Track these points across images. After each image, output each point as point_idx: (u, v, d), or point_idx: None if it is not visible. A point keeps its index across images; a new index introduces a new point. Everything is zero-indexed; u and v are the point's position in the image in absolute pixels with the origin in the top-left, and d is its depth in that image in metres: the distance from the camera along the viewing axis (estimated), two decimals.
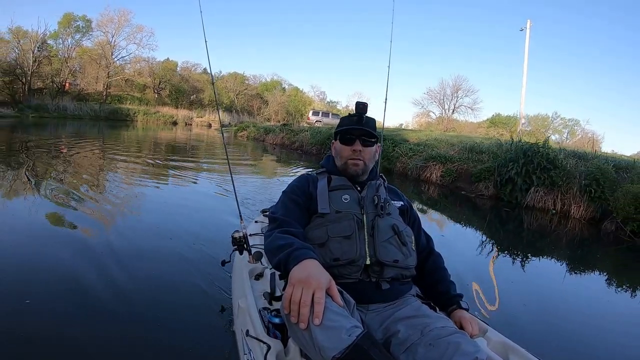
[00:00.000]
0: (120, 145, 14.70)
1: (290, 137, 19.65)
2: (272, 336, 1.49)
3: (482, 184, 9.12)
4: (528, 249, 5.77)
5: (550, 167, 8.22)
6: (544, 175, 8.19)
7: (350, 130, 1.75)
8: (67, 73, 36.57)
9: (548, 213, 8.02)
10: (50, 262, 3.17)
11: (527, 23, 22.01)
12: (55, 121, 25.71)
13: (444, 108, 39.84)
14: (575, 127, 42.10)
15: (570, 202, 7.93)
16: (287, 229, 1.53)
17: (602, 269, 5.23)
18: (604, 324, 3.36)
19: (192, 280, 3.05)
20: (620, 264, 5.77)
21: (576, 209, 7.82)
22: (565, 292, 4.08)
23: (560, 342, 2.84)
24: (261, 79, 52.30)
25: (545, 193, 8.22)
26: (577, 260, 5.53)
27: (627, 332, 3.21)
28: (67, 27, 37.36)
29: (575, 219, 7.73)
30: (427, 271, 1.78)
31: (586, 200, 7.69)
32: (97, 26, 38.76)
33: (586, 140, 36.58)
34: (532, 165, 8.29)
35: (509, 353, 1.60)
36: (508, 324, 2.86)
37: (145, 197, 6.17)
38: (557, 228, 7.18)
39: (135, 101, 39.77)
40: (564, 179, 8.12)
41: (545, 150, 8.44)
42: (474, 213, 8.14)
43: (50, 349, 2.06)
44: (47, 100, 31.82)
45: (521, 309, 3.30)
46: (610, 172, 7.77)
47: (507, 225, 7.44)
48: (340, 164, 1.77)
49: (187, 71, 48.56)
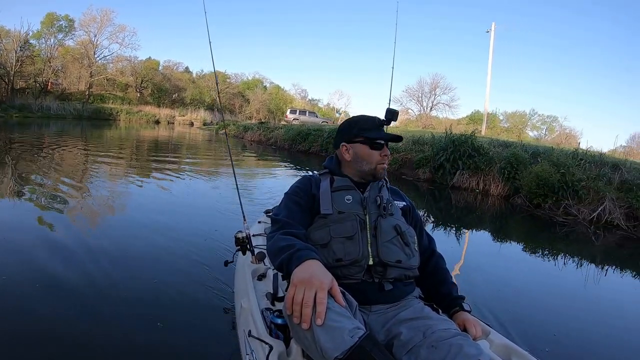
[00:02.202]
0: (118, 145, 15.72)
1: (266, 134, 21.32)
2: (275, 337, 1.51)
3: (420, 170, 10.79)
4: (454, 221, 7.28)
5: (474, 154, 9.92)
6: (469, 161, 9.90)
7: (381, 136, 1.80)
8: (50, 73, 37.03)
9: (473, 192, 9.72)
10: (50, 262, 3.23)
11: (492, 25, 23.89)
12: (40, 121, 26.21)
13: (422, 105, 41.05)
14: (554, 124, 43.46)
15: (490, 182, 9.64)
16: (289, 231, 1.55)
17: (511, 231, 7.02)
18: (510, 272, 4.55)
19: (195, 280, 3.12)
20: (522, 227, 7.46)
21: (495, 187, 9.53)
22: (485, 252, 5.36)
23: (475, 291, 3.53)
24: (243, 77, 53.22)
25: (470, 175, 9.93)
26: (493, 227, 7.21)
27: (519, 270, 4.64)
28: (49, 27, 37.63)
29: (494, 196, 9.43)
30: (429, 272, 1.81)
31: (502, 181, 9.38)
32: (80, 25, 39.18)
33: (564, 136, 37.85)
34: (459, 152, 9.97)
35: (512, 356, 1.61)
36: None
37: (143, 196, 6.40)
38: (481, 204, 8.85)
39: (118, 100, 40.29)
40: (485, 163, 9.81)
41: (471, 141, 10.13)
42: (413, 193, 9.59)
43: (51, 350, 2.11)
44: (30, 100, 32.25)
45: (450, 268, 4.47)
46: (524, 157, 9.43)
47: (439, 202, 8.98)
48: (368, 169, 1.79)
49: (169, 70, 48.86)
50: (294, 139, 17.47)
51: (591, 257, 5.62)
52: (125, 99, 41.62)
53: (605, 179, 8.31)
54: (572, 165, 8.53)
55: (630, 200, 7.49)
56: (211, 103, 46.73)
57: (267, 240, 1.61)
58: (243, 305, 1.90)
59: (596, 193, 7.92)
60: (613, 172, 8.58)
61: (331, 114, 48.96)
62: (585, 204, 7.87)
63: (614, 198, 7.69)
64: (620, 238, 6.79)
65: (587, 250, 6.04)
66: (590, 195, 7.95)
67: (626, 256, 6.14)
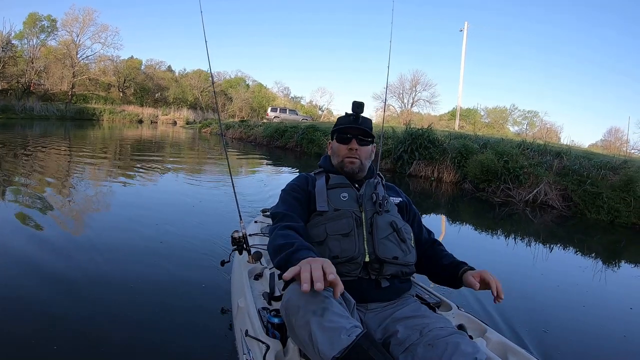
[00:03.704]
0: (102, 145, 15.94)
1: (246, 131, 22.50)
2: (271, 336, 1.52)
3: (383, 161, 11.96)
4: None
5: (429, 146, 11.14)
6: (425, 152, 11.11)
7: (346, 129, 1.82)
8: (33, 73, 37.11)
9: (428, 179, 10.93)
10: (49, 262, 3.25)
11: (465, 24, 25.17)
12: (23, 122, 26.22)
13: (403, 102, 41.95)
14: (535, 119, 45.35)
15: (444, 170, 10.86)
16: (288, 224, 1.59)
17: (460, 213, 8.16)
18: (458, 248, 5.56)
19: (192, 280, 3.13)
20: (469, 209, 8.59)
21: (447, 175, 10.75)
22: (437, 231, 5.85)
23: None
24: (225, 76, 53.63)
25: (425, 165, 11.16)
26: (446, 209, 8.32)
27: (467, 246, 5.27)
28: (32, 27, 38.03)
29: (447, 182, 10.66)
30: (431, 255, 1.84)
31: (454, 169, 10.60)
32: (62, 25, 39.51)
33: (545, 131, 38.89)
34: (416, 145, 11.18)
35: (508, 353, 1.63)
36: None
37: (133, 196, 6.42)
38: (435, 189, 10.05)
39: (101, 100, 40.49)
40: (440, 154, 11.02)
41: (427, 134, 11.35)
42: None
43: (50, 350, 2.11)
44: (13, 102, 32.28)
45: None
46: (473, 148, 10.64)
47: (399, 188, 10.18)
48: (336, 163, 1.84)
49: (151, 69, 49.39)
50: (272, 135, 18.70)
51: (530, 233, 6.57)
52: (108, 99, 41.94)
53: (546, 165, 9.45)
54: (517, 154, 9.71)
55: (566, 184, 8.65)
56: (194, 102, 47.12)
57: (269, 234, 1.64)
58: (240, 305, 1.93)
59: (535, 177, 9.09)
60: (556, 160, 9.68)
61: (314, 111, 49.89)
62: (525, 187, 9.06)
63: (551, 182, 8.87)
64: (555, 217, 7.89)
65: (527, 228, 7.00)
66: (530, 180, 9.14)
67: (563, 231, 7.16)
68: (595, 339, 2.98)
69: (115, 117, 36.37)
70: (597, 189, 8.00)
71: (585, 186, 8.19)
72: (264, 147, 18.35)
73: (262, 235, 2.95)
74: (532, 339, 2.70)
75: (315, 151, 14.70)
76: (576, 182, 8.48)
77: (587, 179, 8.35)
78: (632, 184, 7.60)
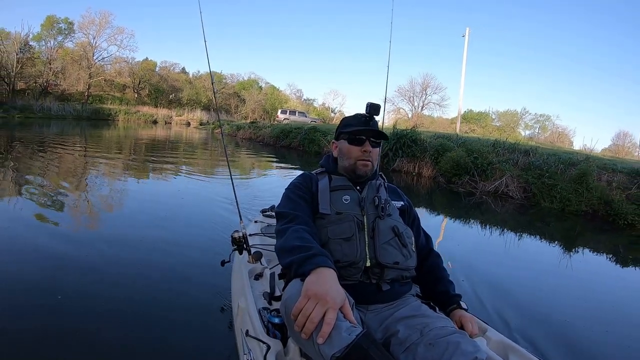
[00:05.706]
0: (117, 145, 17.01)
1: (255, 132, 24.88)
2: (272, 336, 1.56)
3: None
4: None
5: (412, 145, 13.08)
6: (407, 150, 13.07)
7: (360, 130, 1.84)
8: (50, 74, 38.99)
9: (410, 174, 12.83)
10: (49, 258, 3.36)
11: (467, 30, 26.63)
12: (41, 121, 27.42)
13: (414, 105, 43.72)
14: (547, 123, 45.95)
15: (423, 166, 12.76)
16: (302, 227, 1.60)
17: (434, 202, 9.57)
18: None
19: (192, 280, 3.20)
20: (442, 199, 10.06)
21: (426, 170, 12.63)
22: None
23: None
24: (239, 78, 55.35)
25: (408, 161, 13.11)
26: (424, 199, 9.64)
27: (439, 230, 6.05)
28: (49, 29, 40.12)
29: (425, 177, 12.50)
30: (426, 270, 1.88)
31: (432, 165, 12.50)
32: (79, 28, 41.54)
33: (557, 135, 39.89)
34: (400, 144, 13.13)
35: (509, 352, 1.67)
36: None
37: (139, 195, 6.62)
38: (416, 183, 11.84)
39: (116, 101, 42.32)
40: (420, 151, 12.95)
41: (410, 134, 13.29)
42: None
43: (49, 350, 2.16)
44: (32, 101, 33.98)
45: None
46: (450, 146, 12.51)
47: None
48: (348, 164, 1.86)
49: (165, 71, 51.25)
50: (278, 136, 20.96)
51: (493, 219, 7.74)
52: (124, 100, 43.84)
53: (513, 161, 11.18)
54: (488, 152, 11.53)
55: (527, 177, 10.34)
56: (207, 103, 48.79)
57: (276, 235, 1.67)
58: (240, 305, 1.95)
59: (501, 172, 10.84)
60: (522, 156, 11.41)
61: (326, 113, 51.46)
62: (490, 180, 10.84)
63: (514, 175, 10.60)
64: (516, 206, 9.30)
65: (488, 214, 8.18)
66: (496, 174, 10.90)
67: (520, 217, 8.45)
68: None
69: (130, 118, 37.92)
70: (554, 181, 9.54)
71: (544, 179, 9.75)
72: (271, 147, 20.36)
73: (262, 235, 3.04)
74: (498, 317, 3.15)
75: (315, 150, 16.82)
76: (536, 176, 10.05)
77: (546, 172, 9.96)
78: (586, 177, 9.03)
